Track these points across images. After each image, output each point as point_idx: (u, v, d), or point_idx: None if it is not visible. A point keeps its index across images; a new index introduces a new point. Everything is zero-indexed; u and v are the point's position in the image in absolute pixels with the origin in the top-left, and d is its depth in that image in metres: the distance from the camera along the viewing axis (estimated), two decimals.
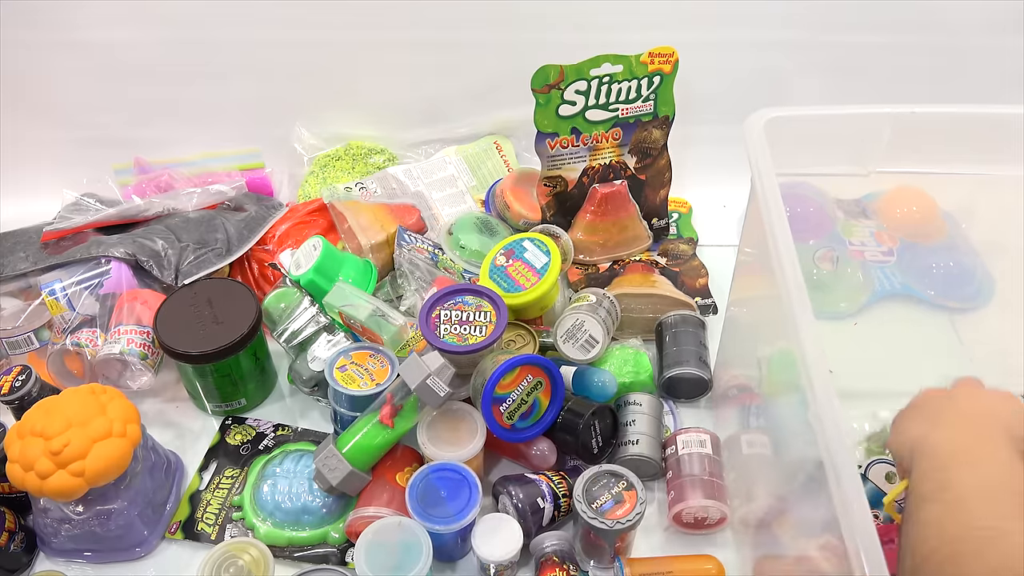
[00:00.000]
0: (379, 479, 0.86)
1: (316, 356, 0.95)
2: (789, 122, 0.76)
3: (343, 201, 1.12)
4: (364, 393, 0.88)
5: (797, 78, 1.18)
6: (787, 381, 0.68)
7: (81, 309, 0.98)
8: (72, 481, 0.75)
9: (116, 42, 1.15)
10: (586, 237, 1.08)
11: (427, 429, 0.85)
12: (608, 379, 0.91)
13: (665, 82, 1.01)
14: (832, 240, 1.05)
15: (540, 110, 1.00)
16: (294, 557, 0.85)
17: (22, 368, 0.87)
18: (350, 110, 1.25)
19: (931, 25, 1.12)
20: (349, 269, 1.01)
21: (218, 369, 0.93)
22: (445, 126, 1.27)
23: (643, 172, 1.08)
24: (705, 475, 0.85)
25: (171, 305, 0.94)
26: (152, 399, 1.00)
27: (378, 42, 1.17)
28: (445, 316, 0.86)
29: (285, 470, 0.89)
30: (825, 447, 0.54)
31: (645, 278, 1.05)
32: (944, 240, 1.06)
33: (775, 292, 0.65)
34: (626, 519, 0.78)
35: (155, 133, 1.23)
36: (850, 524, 0.51)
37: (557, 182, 1.06)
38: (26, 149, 1.22)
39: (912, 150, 0.81)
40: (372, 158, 1.25)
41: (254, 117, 1.23)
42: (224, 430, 0.97)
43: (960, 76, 1.16)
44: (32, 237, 1.09)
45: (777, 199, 0.68)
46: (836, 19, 1.12)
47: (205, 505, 0.90)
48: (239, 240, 1.08)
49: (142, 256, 1.01)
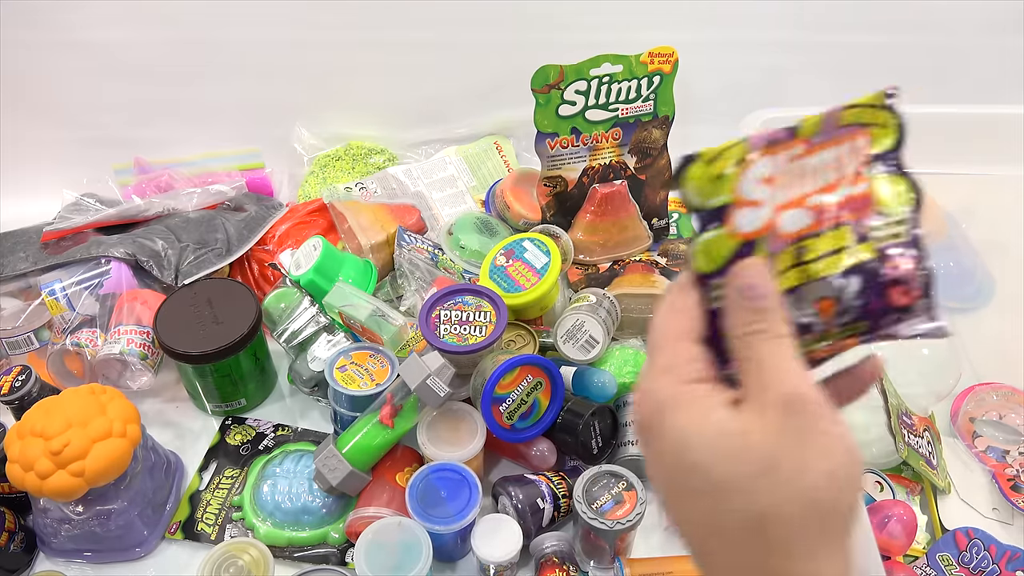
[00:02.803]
0: (379, 479, 0.86)
1: (316, 356, 0.95)
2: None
3: (343, 201, 1.12)
4: (364, 393, 0.88)
5: (797, 78, 1.18)
6: None
7: (81, 309, 0.98)
8: (72, 481, 0.75)
9: (116, 42, 1.15)
10: (586, 237, 1.08)
11: (427, 429, 0.85)
12: (608, 379, 0.91)
13: (665, 82, 1.01)
14: None
15: (540, 110, 1.00)
16: (294, 557, 0.85)
17: (22, 368, 0.87)
18: (350, 110, 1.25)
19: (931, 25, 1.12)
20: (349, 269, 1.02)
21: (218, 369, 0.93)
22: (445, 126, 1.27)
23: (643, 172, 1.08)
24: None
25: (171, 305, 0.94)
26: (152, 399, 1.00)
27: (378, 42, 1.17)
28: (445, 316, 0.86)
29: (285, 470, 0.89)
30: None
31: (645, 278, 1.05)
32: (944, 240, 1.07)
33: None
34: (626, 519, 0.78)
35: (155, 133, 1.23)
36: None
37: (557, 182, 1.06)
38: (26, 149, 1.22)
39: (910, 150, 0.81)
40: (372, 158, 1.25)
41: (254, 117, 1.23)
42: (224, 430, 0.97)
43: (960, 76, 1.16)
44: (32, 237, 1.09)
45: None
46: (836, 19, 1.12)
47: (205, 505, 0.90)
48: (239, 240, 1.08)
49: (142, 256, 1.01)
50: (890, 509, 0.78)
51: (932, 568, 0.80)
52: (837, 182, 0.42)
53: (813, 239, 0.41)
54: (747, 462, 0.36)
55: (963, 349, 0.98)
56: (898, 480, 0.86)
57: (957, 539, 0.80)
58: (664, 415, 0.39)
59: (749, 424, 0.37)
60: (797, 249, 0.41)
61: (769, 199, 0.41)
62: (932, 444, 0.86)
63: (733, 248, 0.41)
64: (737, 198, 0.41)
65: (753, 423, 0.37)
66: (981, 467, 0.88)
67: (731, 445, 0.37)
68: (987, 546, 0.79)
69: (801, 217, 0.41)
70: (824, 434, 0.37)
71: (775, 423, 0.37)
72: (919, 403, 0.89)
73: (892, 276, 0.41)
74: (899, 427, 0.81)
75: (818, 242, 0.41)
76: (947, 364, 0.92)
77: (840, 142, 0.42)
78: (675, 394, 0.39)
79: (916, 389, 0.89)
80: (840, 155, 0.42)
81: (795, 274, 0.41)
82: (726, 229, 0.41)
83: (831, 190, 0.41)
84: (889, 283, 0.41)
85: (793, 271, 0.41)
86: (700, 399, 0.39)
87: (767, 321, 0.39)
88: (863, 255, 0.41)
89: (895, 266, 0.41)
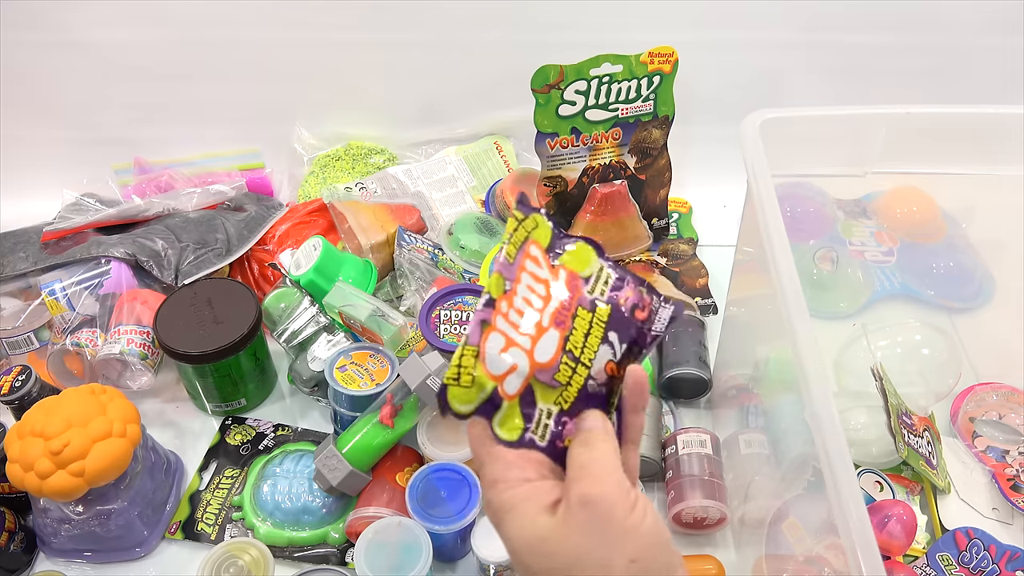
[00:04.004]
0: (379, 479, 0.86)
1: (316, 356, 0.95)
2: (785, 123, 0.76)
3: (343, 201, 1.12)
4: (364, 393, 0.88)
5: (798, 78, 1.18)
6: (784, 381, 0.68)
7: (81, 309, 0.98)
8: (72, 481, 0.75)
9: (116, 42, 1.15)
10: None
11: (427, 429, 0.85)
12: None
13: (665, 82, 1.01)
14: (832, 240, 1.06)
15: (540, 110, 1.00)
16: (294, 557, 0.85)
17: (22, 368, 0.87)
18: (350, 110, 1.25)
19: (931, 25, 1.12)
20: (349, 269, 1.02)
21: (218, 369, 0.93)
22: (445, 126, 1.27)
23: (643, 172, 1.08)
24: (705, 475, 0.85)
25: (171, 305, 0.94)
26: (152, 399, 1.00)
27: (378, 42, 1.17)
28: (445, 316, 0.86)
29: (285, 470, 0.89)
30: (822, 446, 0.54)
31: (645, 278, 1.05)
32: (944, 240, 1.07)
33: (771, 291, 0.65)
34: None
35: (155, 133, 1.23)
36: (846, 523, 0.51)
37: (557, 182, 1.06)
38: (26, 149, 1.22)
39: (909, 151, 0.81)
40: (372, 158, 1.25)
41: (254, 117, 1.23)
42: (224, 430, 0.97)
43: (960, 76, 1.16)
44: (32, 237, 1.09)
45: (772, 200, 0.68)
46: (836, 19, 1.12)
47: (205, 505, 0.90)
48: (239, 240, 1.08)
49: (142, 256, 1.01)
50: (890, 509, 0.78)
51: (932, 568, 0.80)
52: (547, 289, 0.48)
53: (571, 338, 0.47)
54: (558, 562, 0.42)
55: (963, 349, 0.98)
56: (898, 480, 0.86)
57: (957, 539, 0.80)
58: (500, 523, 0.44)
59: (557, 527, 0.42)
60: (566, 355, 0.47)
61: (518, 355, 0.46)
62: (932, 444, 0.86)
63: (520, 410, 0.47)
64: (496, 381, 0.46)
65: (559, 527, 0.42)
66: (981, 467, 0.88)
67: (544, 548, 0.42)
68: (987, 546, 0.79)
69: (550, 338, 0.47)
70: (623, 527, 0.42)
71: (578, 523, 0.42)
72: (919, 403, 0.89)
73: (628, 307, 0.49)
74: (899, 427, 0.81)
75: (574, 337, 0.48)
76: (947, 364, 0.92)
77: (524, 267, 0.48)
78: (502, 503, 0.44)
79: (916, 389, 0.89)
80: (532, 273, 0.49)
81: (580, 370, 0.47)
82: (507, 402, 0.46)
83: (550, 299, 0.48)
84: (630, 314, 0.49)
85: (575, 372, 0.47)
86: (522, 505, 0.44)
87: (584, 432, 0.45)
88: (603, 315, 0.49)
89: (626, 299, 0.50)
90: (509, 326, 0.47)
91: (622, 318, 0.49)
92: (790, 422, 0.67)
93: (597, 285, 0.49)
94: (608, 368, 0.48)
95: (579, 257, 0.50)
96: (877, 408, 0.82)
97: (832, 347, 0.96)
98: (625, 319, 0.49)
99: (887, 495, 0.85)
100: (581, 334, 0.48)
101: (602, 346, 0.48)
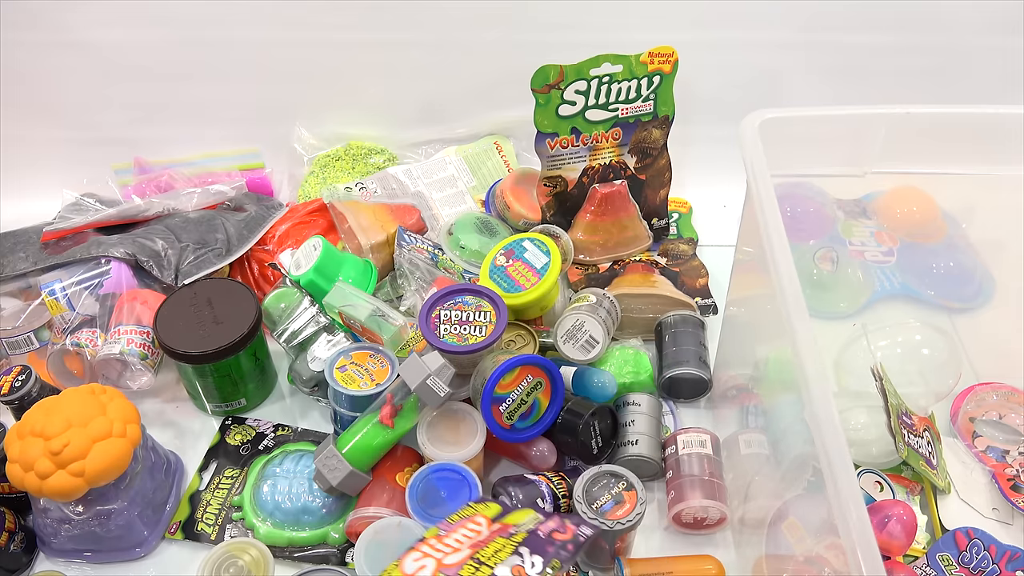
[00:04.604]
0: (379, 479, 0.86)
1: (316, 356, 0.95)
2: (784, 123, 0.76)
3: (343, 201, 1.12)
4: (364, 393, 0.88)
5: (798, 78, 1.19)
6: (784, 381, 0.68)
7: (81, 309, 0.98)
8: (72, 481, 0.75)
9: (116, 42, 1.15)
10: (586, 237, 1.08)
11: (427, 429, 0.85)
12: (608, 379, 0.91)
13: (665, 82, 1.01)
14: (832, 240, 1.06)
15: (540, 110, 1.00)
16: (294, 557, 0.85)
17: (22, 368, 0.87)
18: (350, 110, 1.25)
19: (931, 25, 1.12)
20: (349, 269, 1.02)
21: (218, 369, 0.93)
22: (445, 126, 1.27)
23: (643, 172, 1.08)
24: (705, 475, 0.85)
25: (171, 305, 0.95)
26: (152, 399, 1.00)
27: (378, 42, 1.17)
28: (445, 316, 0.86)
29: (285, 470, 0.89)
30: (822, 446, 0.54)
31: (645, 278, 1.05)
32: (944, 240, 1.07)
33: (771, 291, 0.65)
34: (626, 519, 0.78)
35: (155, 133, 1.23)
36: (846, 523, 0.51)
37: (557, 182, 1.06)
38: (26, 149, 1.22)
39: (908, 151, 0.81)
40: (372, 158, 1.25)
41: (254, 117, 1.23)
42: (224, 430, 0.97)
43: (960, 76, 1.16)
44: (32, 237, 1.09)
45: (772, 200, 0.68)
46: (836, 19, 1.12)
47: (205, 505, 0.90)
48: (239, 240, 1.08)
49: (142, 256, 1.01)
50: (890, 509, 0.78)
51: (932, 568, 0.80)
52: (477, 535, 0.63)
53: (481, 552, 0.60)
54: None
55: (963, 349, 0.98)
56: (898, 480, 0.86)
57: (957, 539, 0.80)
58: None
59: None
60: (472, 560, 0.59)
61: (427, 562, 0.61)
62: (932, 444, 0.86)
63: None
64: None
65: None
66: (981, 467, 0.88)
67: None
68: (987, 546, 0.79)
69: (461, 553, 0.61)
70: None
71: None
72: (919, 403, 0.89)
73: (547, 532, 0.63)
74: (899, 427, 0.81)
75: (485, 551, 0.60)
76: (947, 364, 0.92)
77: (463, 525, 0.65)
78: None
79: (916, 389, 0.89)
80: (469, 528, 0.66)
81: (483, 570, 0.59)
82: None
83: (474, 538, 0.63)
84: (547, 536, 0.64)
85: (478, 572, 0.59)
86: None
87: None
88: (518, 538, 0.62)
89: (547, 527, 0.64)
90: (429, 547, 0.61)
91: (537, 539, 0.61)
92: (790, 422, 0.67)
93: (524, 525, 0.63)
94: (515, 571, 0.59)
95: (518, 516, 0.65)
96: (877, 408, 0.82)
97: (832, 347, 0.96)
98: (541, 539, 0.61)
99: (887, 495, 0.85)
100: (492, 550, 0.60)
101: (512, 556, 0.59)
